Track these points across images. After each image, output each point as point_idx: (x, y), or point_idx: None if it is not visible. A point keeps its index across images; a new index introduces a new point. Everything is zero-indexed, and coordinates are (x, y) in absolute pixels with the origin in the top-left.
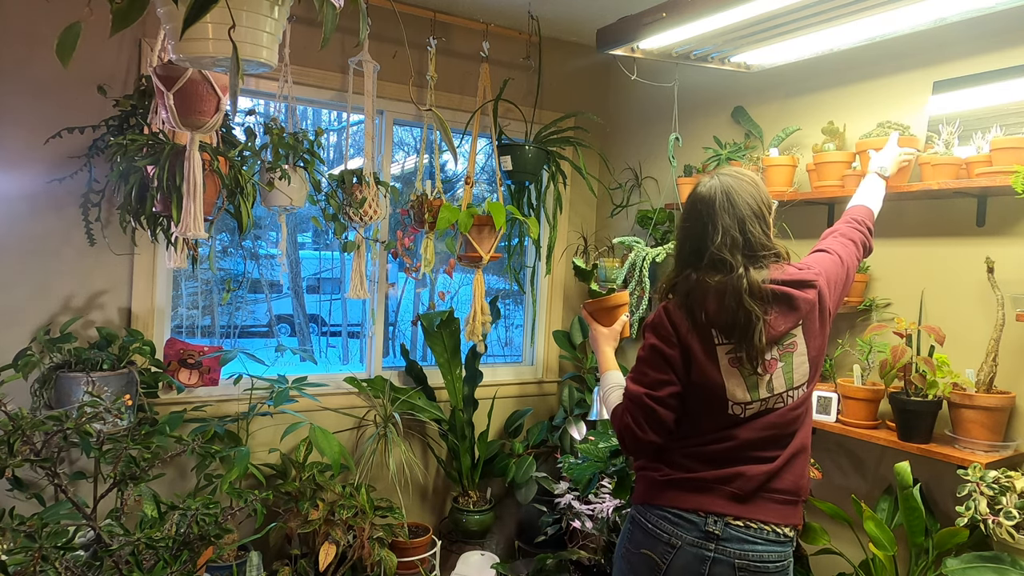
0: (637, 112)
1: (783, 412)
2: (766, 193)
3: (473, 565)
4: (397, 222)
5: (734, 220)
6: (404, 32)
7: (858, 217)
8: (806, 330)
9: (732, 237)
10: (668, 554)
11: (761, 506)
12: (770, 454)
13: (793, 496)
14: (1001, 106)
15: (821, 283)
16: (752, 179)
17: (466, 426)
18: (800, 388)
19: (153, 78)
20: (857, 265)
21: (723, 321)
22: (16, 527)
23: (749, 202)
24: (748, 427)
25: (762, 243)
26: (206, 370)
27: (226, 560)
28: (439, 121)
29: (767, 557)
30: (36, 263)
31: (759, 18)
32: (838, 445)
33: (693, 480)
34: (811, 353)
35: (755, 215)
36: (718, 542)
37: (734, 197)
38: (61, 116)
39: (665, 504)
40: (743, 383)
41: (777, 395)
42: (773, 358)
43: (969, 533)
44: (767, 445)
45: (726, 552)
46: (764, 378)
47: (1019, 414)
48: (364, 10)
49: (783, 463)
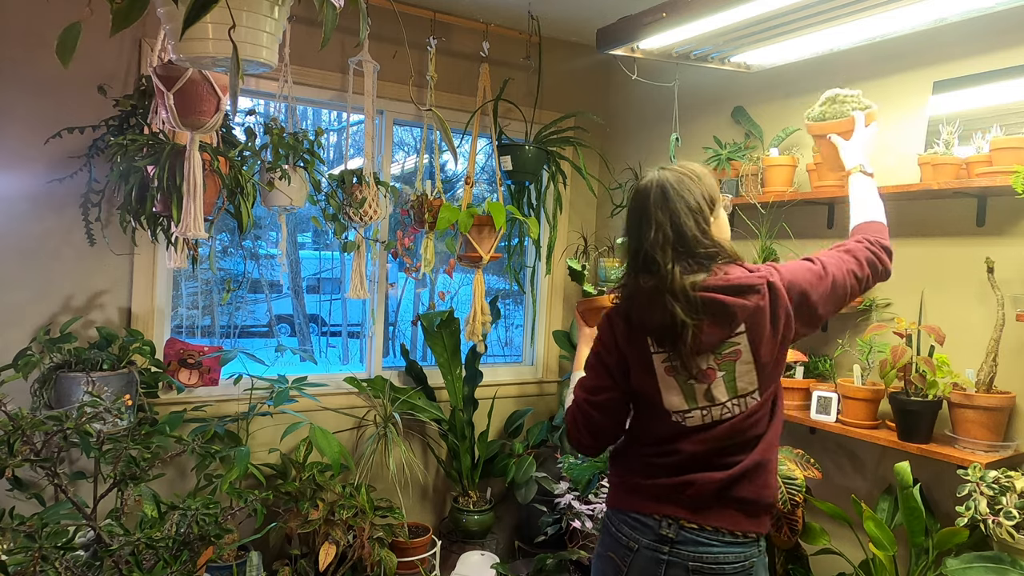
0: (637, 112)
1: (735, 423)
2: (711, 188)
3: (473, 565)
4: (397, 222)
5: (667, 216)
6: (404, 32)
7: (869, 236)
8: (753, 337)
9: (664, 234)
10: (628, 557)
11: (718, 512)
12: (726, 460)
13: (754, 507)
14: (1001, 106)
15: (778, 286)
16: (695, 173)
17: (466, 426)
18: (748, 397)
19: (153, 78)
20: (858, 283)
21: (654, 328)
22: (16, 527)
23: (686, 196)
24: (696, 439)
25: (698, 240)
26: (206, 370)
27: (226, 560)
28: (439, 121)
29: (723, 558)
30: (36, 263)
31: (759, 18)
32: (838, 445)
33: (650, 486)
34: (761, 360)
35: (691, 210)
36: (672, 545)
37: (669, 191)
38: (61, 116)
39: (627, 508)
40: (680, 391)
41: (720, 404)
42: (710, 367)
43: (969, 533)
44: (722, 454)
45: (680, 555)
46: (702, 386)
47: (1019, 414)
48: (364, 10)
49: (741, 472)
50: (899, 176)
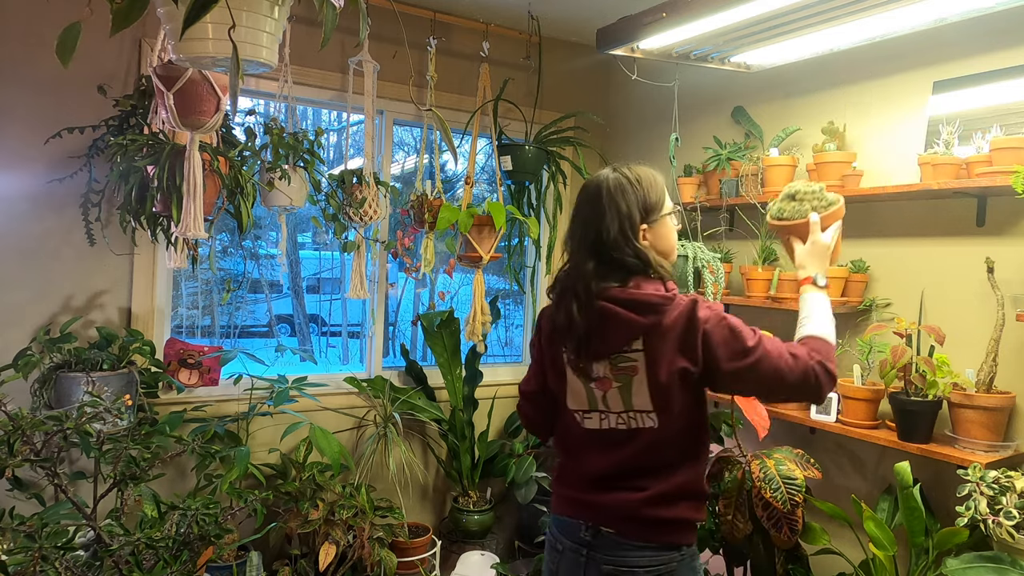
0: (637, 112)
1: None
2: (652, 195)
3: (473, 565)
4: (397, 222)
5: (594, 217)
6: (404, 32)
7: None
8: (651, 356)
9: (587, 235)
10: (556, 558)
11: (635, 527)
12: (638, 483)
13: (672, 525)
14: (1001, 106)
15: (693, 316)
16: (639, 179)
17: (466, 426)
18: (644, 415)
19: (153, 78)
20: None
21: (558, 325)
22: (16, 527)
23: (618, 200)
24: (605, 455)
25: (618, 245)
26: (206, 370)
27: (226, 560)
28: (439, 121)
29: (636, 562)
30: (36, 263)
31: (759, 18)
32: (838, 445)
33: (569, 495)
34: (659, 381)
35: (619, 215)
36: (589, 548)
37: (603, 193)
38: (61, 116)
39: (556, 511)
40: (583, 392)
41: (616, 414)
42: (606, 376)
43: (969, 533)
44: (633, 476)
45: (595, 558)
46: (599, 392)
47: (1019, 414)
48: (364, 10)
49: (653, 497)
50: (899, 176)
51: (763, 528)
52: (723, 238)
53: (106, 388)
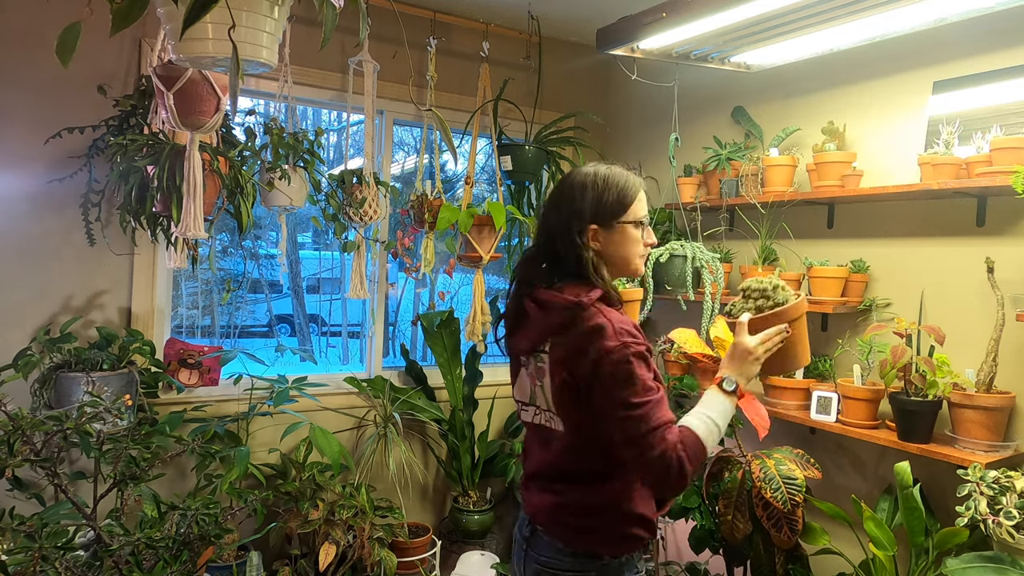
0: (637, 112)
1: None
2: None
3: (473, 565)
4: (397, 222)
5: (551, 212)
6: (404, 32)
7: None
8: (553, 358)
9: (541, 225)
10: (515, 546)
11: (556, 530)
12: (556, 487)
13: (591, 534)
14: (1001, 106)
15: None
16: (604, 177)
17: (466, 426)
18: (554, 416)
19: (153, 78)
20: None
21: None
22: (16, 527)
23: (575, 200)
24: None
25: (558, 244)
26: (206, 370)
27: (226, 560)
28: (439, 121)
29: (560, 564)
30: (36, 263)
31: (759, 18)
32: (838, 445)
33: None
34: (555, 385)
35: (570, 210)
36: (527, 543)
37: (564, 186)
38: (61, 116)
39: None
40: (528, 384)
41: (543, 411)
42: (532, 372)
43: (969, 533)
44: (555, 479)
45: (531, 555)
46: (534, 387)
47: (1019, 414)
48: (364, 10)
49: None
50: (899, 176)
51: (763, 528)
52: (723, 238)
53: (106, 388)
